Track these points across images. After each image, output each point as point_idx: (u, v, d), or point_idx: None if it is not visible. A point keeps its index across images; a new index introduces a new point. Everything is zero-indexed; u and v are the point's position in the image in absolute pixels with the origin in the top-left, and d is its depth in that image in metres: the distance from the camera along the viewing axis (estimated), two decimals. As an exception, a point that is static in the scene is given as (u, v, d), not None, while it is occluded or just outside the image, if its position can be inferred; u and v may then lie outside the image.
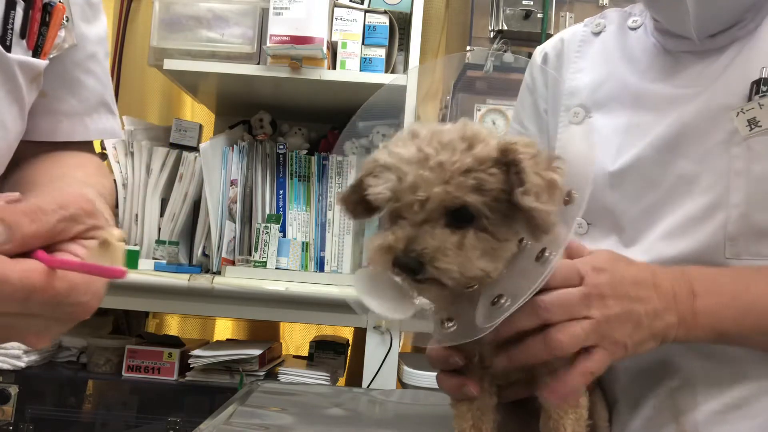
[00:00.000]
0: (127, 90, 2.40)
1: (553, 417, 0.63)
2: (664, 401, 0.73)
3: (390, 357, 1.70)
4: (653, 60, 0.83)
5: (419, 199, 0.55)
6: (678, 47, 0.81)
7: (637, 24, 0.88)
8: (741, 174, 0.71)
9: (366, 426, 0.91)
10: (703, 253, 0.72)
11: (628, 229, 0.79)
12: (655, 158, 0.77)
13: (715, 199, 0.72)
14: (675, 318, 0.66)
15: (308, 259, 1.83)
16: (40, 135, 0.82)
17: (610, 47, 0.88)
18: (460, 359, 0.65)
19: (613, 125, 0.82)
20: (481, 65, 1.80)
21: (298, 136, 2.05)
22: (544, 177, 0.55)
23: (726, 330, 0.68)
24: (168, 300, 1.74)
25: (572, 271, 0.62)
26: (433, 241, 0.54)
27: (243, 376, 1.75)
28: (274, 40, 1.71)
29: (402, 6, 1.86)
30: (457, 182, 0.54)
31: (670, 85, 0.80)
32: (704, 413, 0.71)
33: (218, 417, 0.85)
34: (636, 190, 0.78)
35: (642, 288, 0.65)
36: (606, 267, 0.64)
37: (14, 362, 1.74)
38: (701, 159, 0.74)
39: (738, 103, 0.72)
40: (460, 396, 0.66)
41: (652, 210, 0.77)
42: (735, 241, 0.71)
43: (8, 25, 0.70)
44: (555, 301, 0.61)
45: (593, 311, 0.61)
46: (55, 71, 0.80)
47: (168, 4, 1.79)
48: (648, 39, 0.85)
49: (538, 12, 1.83)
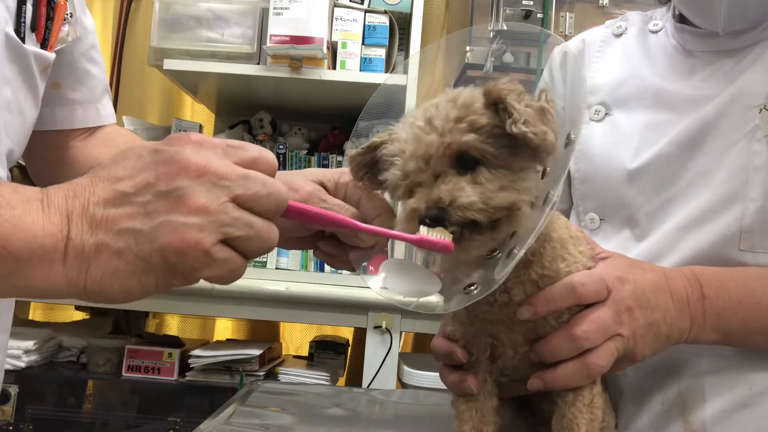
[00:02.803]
0: (127, 90, 2.40)
1: (567, 416, 0.62)
2: (672, 399, 0.74)
3: (390, 357, 1.70)
4: (673, 60, 0.84)
5: (422, 160, 0.56)
6: (698, 47, 0.82)
7: (657, 27, 0.89)
8: (760, 169, 0.73)
9: (366, 426, 0.91)
10: (717, 244, 0.74)
11: (643, 223, 0.80)
12: (675, 155, 0.78)
13: (732, 192, 0.74)
14: (688, 323, 0.67)
15: (308, 259, 1.83)
16: (59, 124, 0.88)
17: (631, 48, 0.89)
18: (462, 355, 0.65)
19: (633, 123, 0.83)
20: (481, 65, 1.80)
21: (298, 136, 2.05)
22: (533, 106, 0.56)
23: (732, 331, 0.69)
24: (168, 300, 1.74)
25: (601, 285, 0.63)
26: (447, 186, 0.55)
27: (243, 376, 1.75)
28: (274, 40, 1.71)
29: (402, 6, 1.86)
30: (449, 129, 0.56)
31: (690, 85, 0.81)
32: (712, 412, 0.71)
33: (218, 417, 0.85)
34: (654, 186, 0.79)
35: (660, 294, 0.66)
36: (629, 277, 0.65)
37: (14, 362, 1.74)
38: (720, 155, 0.75)
39: (759, 101, 0.74)
40: (461, 391, 0.66)
41: (668, 204, 0.78)
42: (750, 234, 0.73)
43: (21, 18, 0.73)
44: (593, 328, 0.62)
45: (624, 328, 0.63)
46: (66, 63, 0.86)
47: (168, 4, 1.79)
48: (669, 41, 0.86)
49: (538, 12, 1.83)
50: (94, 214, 0.47)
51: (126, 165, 0.49)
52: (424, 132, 0.57)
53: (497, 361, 0.66)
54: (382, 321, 1.69)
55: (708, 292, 0.68)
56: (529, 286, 0.62)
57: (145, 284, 0.48)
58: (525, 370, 0.65)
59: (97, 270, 0.47)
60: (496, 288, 0.59)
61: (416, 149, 0.57)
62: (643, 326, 0.64)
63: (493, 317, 0.63)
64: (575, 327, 0.62)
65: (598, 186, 0.85)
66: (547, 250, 0.62)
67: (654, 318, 0.65)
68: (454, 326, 0.66)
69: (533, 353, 0.64)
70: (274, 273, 1.76)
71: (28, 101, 0.76)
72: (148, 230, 0.47)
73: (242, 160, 0.50)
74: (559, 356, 0.62)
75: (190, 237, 0.46)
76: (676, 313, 0.66)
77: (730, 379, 0.72)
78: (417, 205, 0.56)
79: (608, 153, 0.84)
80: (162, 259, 0.47)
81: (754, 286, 0.70)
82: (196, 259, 0.47)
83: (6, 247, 0.46)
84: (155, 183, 0.47)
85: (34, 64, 0.75)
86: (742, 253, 0.73)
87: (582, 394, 0.62)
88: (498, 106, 0.57)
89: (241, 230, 0.48)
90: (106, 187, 0.48)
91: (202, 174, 0.47)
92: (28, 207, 0.47)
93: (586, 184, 0.86)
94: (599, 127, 0.86)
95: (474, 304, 0.61)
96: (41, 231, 0.46)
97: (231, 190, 0.48)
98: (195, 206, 0.46)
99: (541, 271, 0.61)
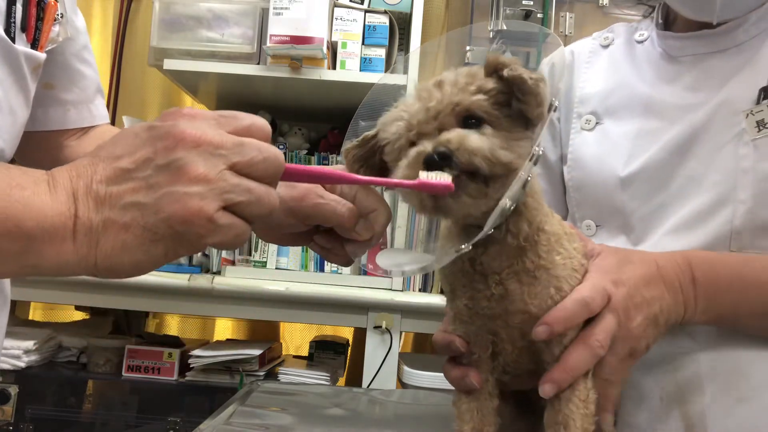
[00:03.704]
0: (127, 90, 2.40)
1: (563, 411, 0.63)
2: (671, 393, 0.75)
3: (390, 357, 1.70)
4: (660, 68, 0.86)
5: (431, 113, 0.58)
6: (683, 51, 0.84)
7: (643, 37, 0.91)
8: (748, 172, 0.75)
9: (366, 426, 0.91)
10: (709, 246, 0.76)
11: (637, 229, 0.82)
12: (666, 161, 0.80)
13: (721, 195, 0.76)
14: (682, 307, 0.70)
15: (308, 259, 1.83)
16: (53, 124, 0.89)
17: (619, 58, 0.92)
18: (461, 344, 0.66)
19: (623, 132, 0.85)
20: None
21: (298, 136, 2.05)
22: (531, 75, 0.59)
23: (722, 314, 0.72)
24: (168, 300, 1.74)
25: (604, 296, 0.65)
26: (455, 132, 0.57)
27: (243, 376, 1.75)
28: (274, 40, 1.71)
29: (402, 6, 1.86)
30: (459, 89, 0.59)
31: (678, 92, 0.83)
32: (711, 406, 0.73)
33: (218, 417, 0.85)
34: (646, 191, 0.82)
35: (653, 286, 0.68)
36: (621, 278, 0.67)
37: (14, 362, 1.74)
38: (709, 159, 0.78)
39: (746, 106, 0.76)
40: (463, 386, 0.66)
41: (660, 209, 0.81)
42: (740, 235, 0.75)
43: (11, 18, 0.74)
44: (605, 336, 0.64)
45: (624, 329, 0.66)
46: (58, 63, 0.86)
47: (168, 4, 1.79)
48: (654, 50, 0.89)
49: (538, 12, 1.83)
50: (98, 192, 0.49)
51: (125, 143, 0.50)
52: (435, 89, 0.59)
53: (498, 358, 0.66)
54: (382, 321, 1.70)
55: (698, 276, 0.71)
56: (524, 276, 0.62)
57: (153, 255, 0.49)
58: (525, 365, 0.66)
59: (106, 245, 0.49)
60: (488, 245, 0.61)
61: (425, 103, 0.59)
62: (640, 323, 0.66)
63: (491, 311, 0.63)
64: (592, 338, 0.63)
65: (592, 193, 0.87)
66: (541, 239, 0.63)
67: (650, 311, 0.67)
68: (455, 326, 0.67)
69: (548, 372, 0.64)
70: (274, 273, 1.76)
71: (19, 101, 0.77)
72: (152, 203, 0.48)
73: (236, 128, 0.51)
74: (581, 369, 0.63)
75: (193, 205, 0.47)
76: (671, 300, 0.69)
77: (728, 373, 0.74)
78: (423, 149, 0.57)
79: (600, 161, 0.86)
80: (169, 229, 0.48)
81: (742, 271, 0.72)
82: (201, 226, 0.48)
83: (19, 226, 0.47)
84: (154, 157, 0.49)
85: (25, 65, 0.76)
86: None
87: (577, 389, 0.63)
88: (498, 72, 0.59)
89: (242, 195, 0.49)
90: (107, 166, 0.49)
91: (198, 144, 0.48)
92: (36, 188, 0.49)
93: (580, 191, 0.89)
94: (591, 136, 0.88)
95: (473, 300, 0.63)
96: (51, 210, 0.48)
97: (228, 158, 0.49)
98: (195, 175, 0.48)
99: (537, 261, 0.62)
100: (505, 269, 0.62)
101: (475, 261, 0.63)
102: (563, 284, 0.63)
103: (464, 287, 0.64)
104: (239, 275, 1.74)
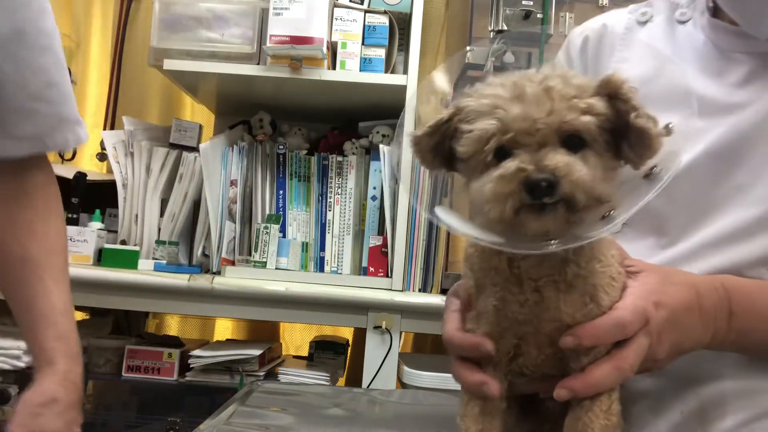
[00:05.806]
0: (127, 90, 2.40)
1: (582, 419, 0.60)
2: (693, 409, 0.72)
3: (390, 357, 1.70)
4: (704, 59, 0.80)
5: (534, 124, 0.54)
6: (735, 47, 0.78)
7: (685, 17, 0.84)
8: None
9: (366, 426, 0.91)
10: (747, 264, 0.71)
11: (672, 233, 0.77)
12: (709, 166, 0.75)
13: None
14: (709, 336, 0.67)
15: (308, 259, 1.83)
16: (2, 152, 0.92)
17: (659, 40, 0.84)
18: (492, 348, 0.62)
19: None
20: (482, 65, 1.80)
21: (298, 136, 2.05)
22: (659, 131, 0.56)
23: (748, 347, 0.69)
24: (168, 300, 1.74)
25: (643, 319, 0.61)
26: (562, 157, 0.53)
27: (243, 376, 1.75)
28: (274, 40, 1.71)
29: (402, 6, 1.86)
30: (569, 105, 0.54)
31: (723, 89, 0.77)
32: (733, 422, 0.69)
33: (218, 417, 0.85)
34: (686, 195, 0.76)
35: (690, 315, 0.65)
36: (663, 300, 0.63)
37: (14, 362, 1.74)
38: (759, 169, 0.72)
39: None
40: (479, 394, 0.63)
41: (701, 216, 0.75)
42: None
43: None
44: (637, 359, 0.61)
45: (653, 351, 0.63)
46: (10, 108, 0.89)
47: (168, 4, 1.79)
48: (698, 35, 0.81)
49: (538, 12, 1.83)
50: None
51: None
52: (543, 95, 0.54)
53: (517, 359, 0.63)
54: (382, 321, 1.69)
55: (736, 310, 0.67)
56: (562, 284, 0.59)
57: None
58: (546, 370, 0.64)
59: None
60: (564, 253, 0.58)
61: (530, 109, 0.54)
62: (667, 350, 0.64)
63: (522, 317, 0.60)
64: (624, 361, 0.60)
65: (624, 190, 0.83)
66: (586, 248, 0.60)
67: (679, 338, 0.64)
68: (475, 325, 0.63)
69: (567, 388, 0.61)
70: (274, 273, 1.76)
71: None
72: None
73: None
74: (605, 387, 0.60)
75: None
76: (702, 330, 0.66)
77: (752, 391, 0.70)
78: (525, 165, 0.53)
79: None
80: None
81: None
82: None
83: None
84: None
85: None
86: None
87: (600, 399, 0.61)
88: (616, 97, 0.56)
89: None
90: None
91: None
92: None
93: None
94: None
95: (503, 301, 0.60)
96: None
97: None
98: None
99: (576, 270, 0.59)
100: (543, 277, 0.59)
101: (513, 262, 0.60)
102: (599, 292, 0.60)
103: (495, 286, 0.61)
104: (239, 275, 1.74)
